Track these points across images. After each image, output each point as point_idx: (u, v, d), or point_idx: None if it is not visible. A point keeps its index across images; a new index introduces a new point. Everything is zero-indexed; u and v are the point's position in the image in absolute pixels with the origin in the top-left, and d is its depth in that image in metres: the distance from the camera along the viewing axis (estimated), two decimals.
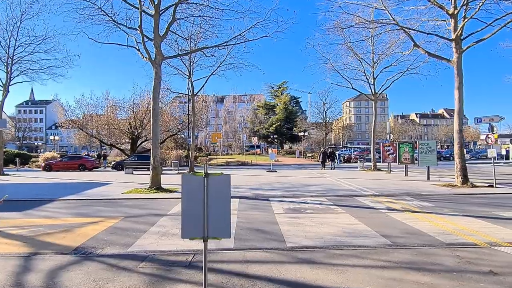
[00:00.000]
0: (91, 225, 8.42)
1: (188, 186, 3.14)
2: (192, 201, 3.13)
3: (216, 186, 3.17)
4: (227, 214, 3.20)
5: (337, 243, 6.49)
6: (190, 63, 25.28)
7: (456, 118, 14.98)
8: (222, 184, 3.20)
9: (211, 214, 3.16)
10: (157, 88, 14.72)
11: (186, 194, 3.13)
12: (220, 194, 3.17)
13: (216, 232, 3.21)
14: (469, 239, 6.63)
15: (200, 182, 3.15)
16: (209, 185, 3.16)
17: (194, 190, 3.13)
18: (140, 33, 14.40)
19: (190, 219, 3.14)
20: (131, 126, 37.88)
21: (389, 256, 5.59)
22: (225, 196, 3.19)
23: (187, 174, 3.19)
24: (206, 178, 3.16)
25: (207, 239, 3.24)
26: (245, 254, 5.81)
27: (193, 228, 3.15)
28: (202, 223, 3.15)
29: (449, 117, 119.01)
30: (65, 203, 11.90)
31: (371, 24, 17.59)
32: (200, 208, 3.12)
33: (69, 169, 31.19)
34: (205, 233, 3.19)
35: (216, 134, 42.38)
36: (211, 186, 3.16)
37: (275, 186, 16.13)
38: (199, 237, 3.20)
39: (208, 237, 3.21)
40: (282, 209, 10.14)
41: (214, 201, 3.16)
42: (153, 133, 14.59)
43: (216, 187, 3.17)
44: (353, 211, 9.76)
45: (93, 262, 5.58)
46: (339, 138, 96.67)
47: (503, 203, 11.03)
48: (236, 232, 7.39)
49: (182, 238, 3.26)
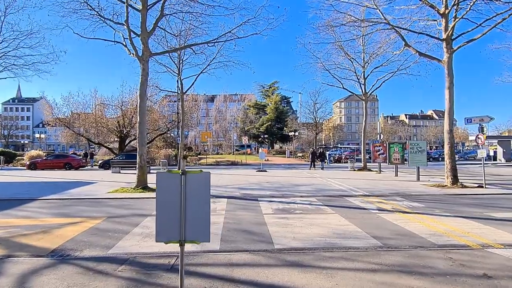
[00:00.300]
0: (71, 225, 8.06)
1: (164, 185, 2.87)
2: (167, 201, 2.86)
3: (195, 185, 2.90)
4: (206, 215, 2.93)
5: (326, 244, 6.28)
6: (179, 61, 24.87)
7: (447, 118, 14.92)
8: (201, 182, 2.92)
9: (189, 215, 2.89)
10: (144, 85, 14.36)
11: (161, 194, 2.85)
12: (199, 193, 2.90)
13: (195, 235, 2.93)
14: (461, 240, 6.47)
15: (177, 180, 2.88)
16: (186, 183, 2.89)
17: (170, 189, 2.85)
18: (127, 28, 14.02)
19: (165, 220, 2.86)
20: (119, 125, 37.22)
21: (380, 259, 5.39)
22: (205, 195, 2.92)
23: (163, 172, 2.91)
24: (184, 176, 2.88)
25: (184, 243, 2.96)
26: (231, 257, 5.55)
27: (168, 231, 2.87)
28: (179, 225, 2.88)
29: (438, 118, 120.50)
30: (46, 203, 11.47)
31: (362, 23, 17.47)
32: (177, 209, 2.84)
33: (55, 167, 30.49)
34: (182, 236, 2.91)
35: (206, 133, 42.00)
36: (189, 185, 2.89)
37: (264, 186, 15.89)
38: (175, 241, 2.92)
39: (186, 240, 2.94)
40: (271, 210, 9.90)
41: (192, 201, 2.89)
42: (140, 132, 14.22)
43: (195, 186, 2.90)
44: (343, 211, 9.57)
45: (69, 265, 5.26)
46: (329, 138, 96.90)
47: (494, 203, 10.97)
48: (222, 233, 7.13)
49: (157, 242, 2.98)
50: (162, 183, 2.88)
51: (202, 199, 2.91)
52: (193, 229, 2.91)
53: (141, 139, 14.31)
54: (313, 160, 29.81)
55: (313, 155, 30.60)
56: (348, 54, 25.33)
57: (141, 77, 14.27)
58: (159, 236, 2.91)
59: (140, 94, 14.31)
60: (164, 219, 2.86)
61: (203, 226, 2.94)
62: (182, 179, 2.89)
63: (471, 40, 14.76)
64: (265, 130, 67.29)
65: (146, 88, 14.67)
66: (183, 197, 2.88)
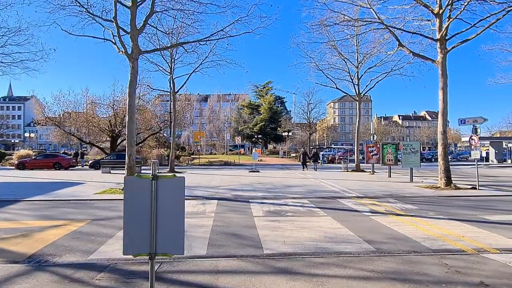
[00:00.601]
0: (53, 229, 7.74)
1: (132, 191, 2.60)
2: (136, 209, 2.59)
3: (167, 191, 2.63)
4: (180, 225, 2.66)
5: (317, 249, 6.04)
6: (171, 60, 24.54)
7: (440, 119, 14.80)
8: (175, 188, 2.65)
9: (160, 225, 2.62)
10: (134, 84, 14.02)
11: (129, 201, 2.59)
12: (172, 200, 2.62)
13: (167, 247, 2.66)
14: (456, 245, 6.28)
15: (147, 186, 2.61)
16: (158, 190, 2.61)
17: (139, 196, 2.58)
18: (115, 25, 13.67)
19: (133, 231, 2.59)
20: (111, 124, 36.73)
21: (373, 265, 5.16)
22: (178, 203, 2.64)
23: (131, 176, 2.64)
24: (155, 182, 2.61)
25: (154, 256, 2.68)
26: (217, 263, 5.28)
27: (137, 243, 2.60)
28: (149, 236, 2.61)
29: (431, 119, 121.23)
30: (30, 204, 11.09)
31: (356, 23, 17.30)
32: (147, 218, 2.57)
33: (44, 167, 29.95)
34: (153, 248, 2.64)
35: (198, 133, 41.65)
36: (161, 191, 2.62)
37: (256, 187, 15.64)
38: (144, 254, 2.65)
39: (156, 253, 2.66)
40: (261, 212, 9.65)
41: (164, 209, 2.62)
42: (129, 131, 13.88)
43: (167, 193, 2.63)
44: (335, 214, 9.35)
45: (45, 273, 4.95)
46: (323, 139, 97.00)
47: (487, 205, 10.83)
48: (210, 237, 6.87)
49: (124, 255, 2.71)
50: (130, 189, 2.61)
51: (176, 207, 2.63)
52: (165, 241, 2.64)
53: (130, 139, 13.98)
54: (305, 161, 29.12)
55: (304, 155, 30.00)
56: (341, 54, 25.18)
57: (130, 75, 13.93)
58: (127, 249, 2.64)
59: (129, 93, 13.96)
60: (132, 230, 2.59)
61: (176, 237, 2.66)
62: (152, 184, 2.62)
63: (465, 41, 14.66)
64: (258, 130, 67.10)
65: (135, 86, 14.35)
66: (154, 205, 2.61)
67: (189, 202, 11.48)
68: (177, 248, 2.68)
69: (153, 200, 2.62)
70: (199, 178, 21.01)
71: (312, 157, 30.96)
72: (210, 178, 20.87)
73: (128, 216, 2.62)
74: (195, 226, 7.86)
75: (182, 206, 2.67)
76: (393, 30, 15.91)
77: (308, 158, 30.16)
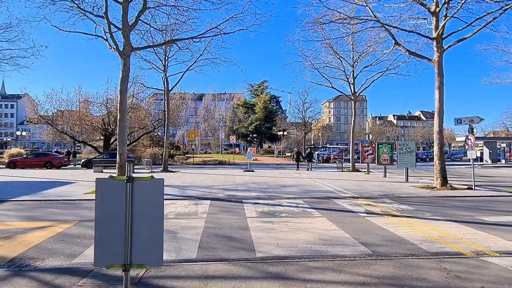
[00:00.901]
0: (38, 230, 7.44)
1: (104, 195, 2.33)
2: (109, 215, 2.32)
3: (144, 195, 2.37)
4: (158, 233, 2.39)
5: (312, 252, 5.82)
6: (165, 57, 24.22)
7: (436, 118, 14.66)
8: (153, 192, 2.39)
9: (136, 233, 2.37)
10: (125, 81, 13.71)
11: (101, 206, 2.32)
12: (149, 205, 2.36)
13: (143, 258, 2.39)
14: (454, 247, 6.09)
15: (121, 189, 2.34)
16: (134, 193, 2.35)
17: (112, 200, 2.31)
18: (106, 20, 13.35)
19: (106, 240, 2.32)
20: (104, 123, 36.31)
21: (369, 269, 4.95)
22: (156, 208, 2.38)
23: (103, 178, 2.38)
24: (130, 184, 2.36)
25: (129, 267, 2.42)
26: (207, 268, 5.04)
27: (110, 253, 2.33)
28: (123, 246, 2.36)
29: (425, 119, 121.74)
30: (16, 205, 10.76)
31: (352, 21, 17.09)
32: (121, 225, 2.32)
33: (35, 166, 29.50)
34: (127, 259, 2.38)
35: (193, 132, 41.31)
36: (137, 195, 2.36)
37: (250, 187, 15.40)
38: (118, 265, 2.39)
39: (132, 264, 2.40)
40: (255, 213, 9.42)
41: (141, 215, 2.36)
42: (120, 129, 13.56)
43: (144, 196, 2.37)
44: (330, 215, 9.14)
45: (24, 278, 4.68)
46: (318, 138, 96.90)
47: (484, 206, 10.68)
48: (201, 240, 6.62)
49: (95, 266, 2.47)
50: (102, 192, 2.34)
51: (154, 213, 2.37)
52: (141, 251, 2.38)
53: (121, 137, 13.67)
54: (298, 161, 28.66)
55: (298, 155, 29.53)
56: (337, 53, 24.97)
57: (122, 72, 13.62)
58: (98, 260, 2.37)
59: (120, 90, 13.65)
60: (105, 238, 2.32)
61: (155, 246, 2.40)
62: (127, 187, 2.36)
63: (461, 39, 14.52)
64: (254, 129, 66.80)
65: (127, 84, 14.04)
66: (129, 210, 2.35)
67: (181, 202, 11.25)
68: (155, 258, 2.42)
69: (128, 204, 2.35)
70: (192, 177, 20.74)
71: (306, 157, 30.65)
72: (203, 177, 20.61)
73: (100, 223, 2.35)
74: (186, 228, 7.62)
75: (161, 211, 2.41)
76: (389, 29, 15.74)
77: (302, 158, 29.83)
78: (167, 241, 6.46)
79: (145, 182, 2.40)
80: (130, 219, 2.37)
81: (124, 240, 2.34)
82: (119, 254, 2.35)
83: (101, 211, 2.34)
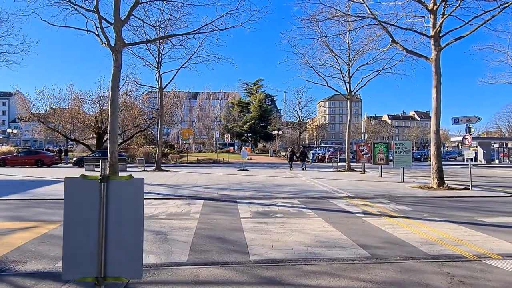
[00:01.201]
0: (22, 231, 7.11)
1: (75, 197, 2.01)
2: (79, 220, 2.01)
3: (122, 197, 2.07)
4: (137, 240, 2.11)
5: (308, 255, 5.56)
6: (158, 54, 23.86)
7: (434, 117, 14.48)
8: (132, 193, 2.07)
9: (111, 241, 2.08)
10: (117, 77, 13.37)
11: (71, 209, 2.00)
12: (127, 209, 2.05)
13: (120, 270, 2.08)
14: (455, 250, 5.87)
15: (94, 190, 2.03)
16: (109, 195, 2.05)
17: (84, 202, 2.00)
18: (97, 15, 13.00)
19: (76, 249, 2.01)
20: (97, 121, 35.82)
21: (369, 274, 4.70)
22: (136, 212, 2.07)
23: (72, 177, 2.08)
24: (104, 184, 2.05)
25: (103, 281, 2.11)
26: (198, 272, 4.76)
27: (81, 264, 2.02)
28: (96, 256, 2.07)
29: (419, 119, 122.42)
30: (3, 204, 10.40)
31: (348, 18, 16.87)
32: (93, 232, 2.01)
33: (26, 164, 29.01)
34: (100, 271, 2.08)
35: (187, 131, 40.95)
36: (113, 197, 2.05)
37: (244, 186, 15.12)
38: (90, 278, 2.09)
39: (106, 277, 2.08)
40: (249, 213, 9.15)
41: (117, 220, 2.06)
42: (111, 127, 13.23)
43: (122, 199, 2.06)
44: (327, 215, 8.90)
45: (3, 283, 4.37)
46: (313, 138, 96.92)
47: (482, 207, 10.51)
48: (193, 242, 6.34)
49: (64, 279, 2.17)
50: (72, 193, 2.01)
51: (132, 217, 2.06)
52: (117, 261, 2.07)
53: (112, 135, 13.33)
54: (292, 160, 28.04)
55: (292, 154, 28.91)
56: (332, 51, 24.78)
57: (114, 68, 13.28)
58: (67, 272, 2.06)
59: (112, 87, 13.30)
60: (75, 247, 2.01)
61: (133, 256, 2.10)
62: (101, 188, 2.05)
63: (459, 38, 14.37)
64: (248, 128, 66.50)
65: (119, 80, 13.69)
66: (103, 215, 2.05)
67: (174, 202, 10.96)
68: (133, 270, 2.11)
69: (102, 207, 2.04)
70: (186, 176, 20.43)
71: (299, 156, 30.30)
72: (197, 176, 20.31)
73: (69, 229, 2.04)
74: (178, 229, 7.33)
75: (141, 216, 2.09)
76: (387, 27, 15.54)
77: (295, 157, 29.44)
78: (157, 243, 6.18)
79: (123, 182, 2.09)
80: (105, 224, 2.08)
81: (97, 249, 2.03)
82: (91, 265, 2.03)
83: (71, 215, 2.02)
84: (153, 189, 13.97)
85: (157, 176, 20.05)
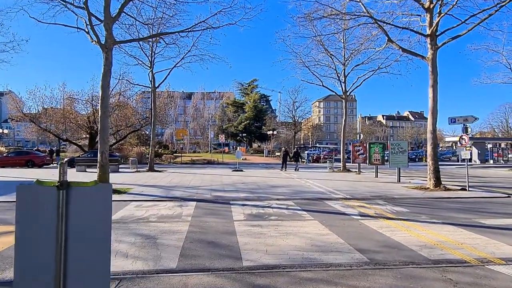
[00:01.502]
0: (5, 235, 6.79)
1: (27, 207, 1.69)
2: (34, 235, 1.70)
3: (85, 207, 1.77)
4: (103, 261, 1.79)
5: (304, 260, 5.31)
6: (151, 53, 23.50)
7: (430, 117, 14.32)
8: (97, 203, 1.74)
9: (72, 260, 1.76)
10: (107, 76, 13.02)
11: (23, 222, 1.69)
12: (92, 222, 1.74)
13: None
14: (456, 254, 5.65)
15: (51, 199, 1.71)
16: (69, 205, 1.72)
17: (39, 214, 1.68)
18: (87, 11, 12.65)
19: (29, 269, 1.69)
20: (89, 121, 35.26)
21: (368, 281, 4.45)
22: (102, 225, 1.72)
23: (25, 185, 1.78)
24: (64, 192, 1.73)
25: None
26: (187, 280, 4.49)
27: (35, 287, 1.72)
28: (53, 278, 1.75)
29: (414, 120, 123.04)
30: None
31: (344, 16, 16.66)
32: (50, 250, 1.68)
33: (16, 165, 28.48)
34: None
35: (181, 131, 40.57)
36: (75, 207, 1.73)
37: (239, 187, 14.85)
38: None
39: None
40: (243, 215, 8.88)
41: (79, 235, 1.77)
42: (102, 126, 12.88)
43: (85, 209, 1.75)
44: (322, 217, 8.65)
45: None
46: (308, 138, 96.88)
47: (480, 208, 10.34)
48: (183, 246, 6.06)
49: None
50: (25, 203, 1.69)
51: (98, 232, 1.74)
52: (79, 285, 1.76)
53: (103, 135, 12.98)
54: (285, 161, 27.56)
55: (286, 155, 28.42)
56: (328, 51, 24.59)
57: (104, 66, 12.92)
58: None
59: (102, 85, 12.95)
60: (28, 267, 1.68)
61: (98, 278, 1.79)
62: (60, 196, 1.72)
63: (455, 37, 14.22)
64: (243, 128, 66.18)
65: (109, 79, 13.35)
66: (62, 229, 1.73)
67: (165, 203, 10.66)
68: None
69: (61, 220, 1.73)
70: (179, 177, 20.11)
71: (293, 157, 29.93)
72: (191, 177, 20.00)
73: (21, 246, 1.72)
74: (168, 232, 7.04)
75: (108, 229, 1.79)
76: (383, 25, 15.35)
77: (289, 158, 29.06)
78: (146, 248, 5.90)
79: (87, 189, 1.78)
80: (64, 240, 1.76)
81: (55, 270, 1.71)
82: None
83: (24, 229, 1.71)
84: (144, 191, 13.64)
85: (149, 177, 19.71)
